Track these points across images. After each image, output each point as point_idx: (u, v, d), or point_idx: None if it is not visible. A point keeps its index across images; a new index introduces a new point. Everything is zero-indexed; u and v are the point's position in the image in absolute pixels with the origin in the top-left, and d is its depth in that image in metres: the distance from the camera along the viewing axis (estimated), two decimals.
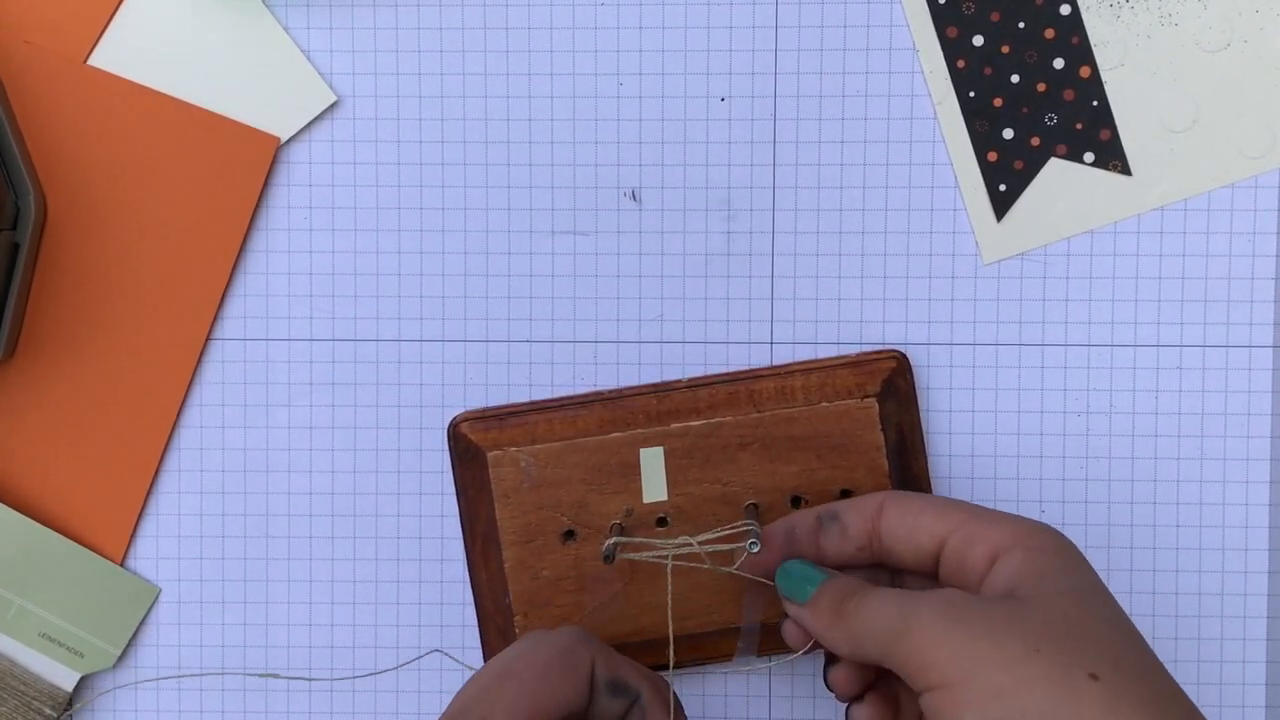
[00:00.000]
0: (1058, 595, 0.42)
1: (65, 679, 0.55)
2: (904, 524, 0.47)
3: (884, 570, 0.49)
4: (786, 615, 0.48)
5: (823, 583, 0.47)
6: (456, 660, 0.56)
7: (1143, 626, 0.55)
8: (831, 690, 0.47)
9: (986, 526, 0.45)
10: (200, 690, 0.57)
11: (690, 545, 0.50)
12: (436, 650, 0.56)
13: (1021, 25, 0.54)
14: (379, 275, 0.55)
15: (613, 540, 0.52)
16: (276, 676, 0.56)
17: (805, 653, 0.48)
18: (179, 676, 0.56)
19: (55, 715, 0.55)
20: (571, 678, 0.46)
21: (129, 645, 0.56)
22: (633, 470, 0.53)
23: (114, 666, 0.56)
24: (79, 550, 0.55)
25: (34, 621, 0.55)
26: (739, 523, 0.51)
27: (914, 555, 0.47)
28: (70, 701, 0.56)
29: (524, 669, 0.46)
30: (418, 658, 0.56)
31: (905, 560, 0.47)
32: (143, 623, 0.56)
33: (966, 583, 0.45)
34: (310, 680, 0.56)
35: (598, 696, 0.47)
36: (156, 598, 0.56)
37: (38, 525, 0.55)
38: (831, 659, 0.47)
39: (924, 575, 0.47)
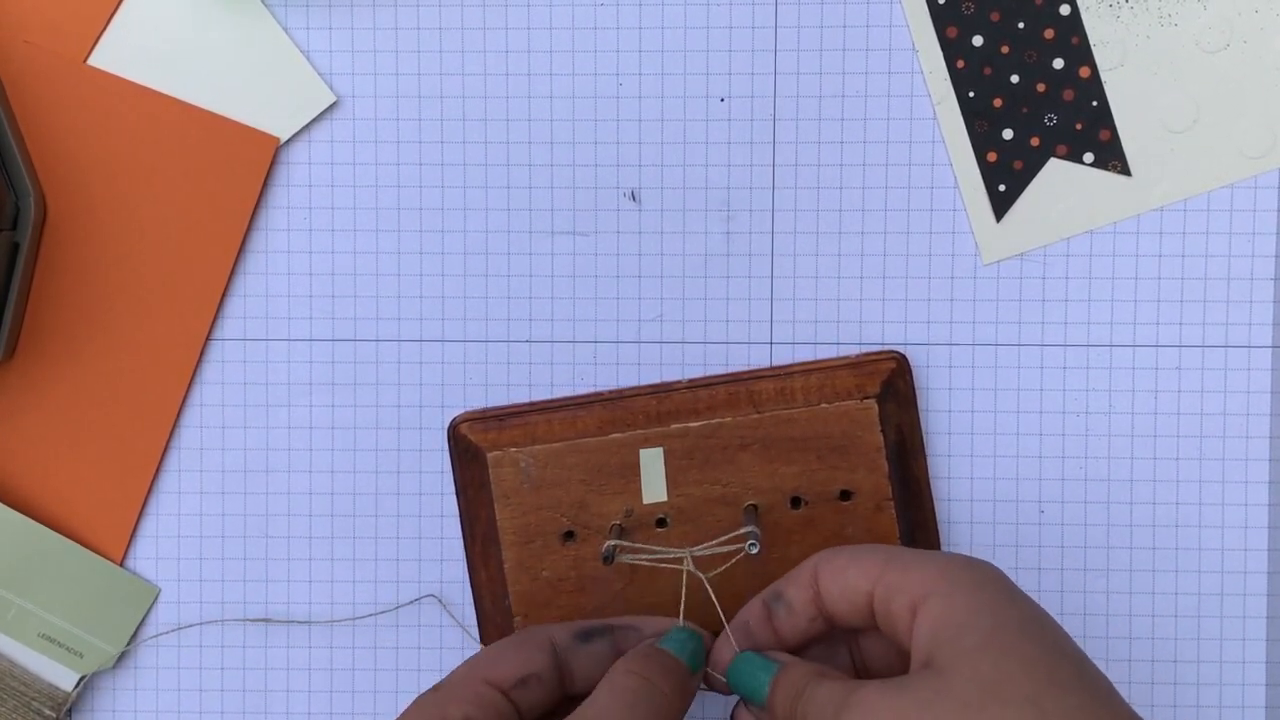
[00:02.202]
0: (974, 654, 0.41)
1: (65, 679, 0.55)
2: (836, 585, 0.46)
3: (840, 636, 0.48)
4: (738, 705, 0.48)
5: (774, 677, 0.46)
6: (454, 617, 0.56)
7: (1142, 627, 0.55)
8: None
9: (902, 574, 0.44)
10: (200, 691, 0.57)
11: (690, 553, 0.50)
12: (431, 596, 0.56)
13: (1021, 25, 0.54)
14: (379, 275, 0.55)
15: (612, 542, 0.52)
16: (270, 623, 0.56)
17: None
18: (179, 629, 0.57)
19: (54, 715, 0.55)
20: (525, 645, 0.47)
21: (128, 645, 0.56)
22: (632, 471, 0.53)
23: (114, 667, 0.56)
24: (79, 550, 0.55)
25: (34, 622, 0.55)
26: (740, 529, 0.51)
27: (855, 614, 0.46)
28: (69, 702, 0.56)
29: (481, 650, 0.48)
30: (415, 600, 0.56)
31: (851, 621, 0.46)
32: (142, 623, 0.56)
33: (898, 635, 0.44)
34: (310, 623, 0.56)
35: (572, 654, 0.48)
36: (156, 598, 0.56)
37: (38, 525, 0.55)
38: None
39: (874, 630, 0.46)
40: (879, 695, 0.42)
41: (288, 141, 0.55)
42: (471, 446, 0.54)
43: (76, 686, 0.55)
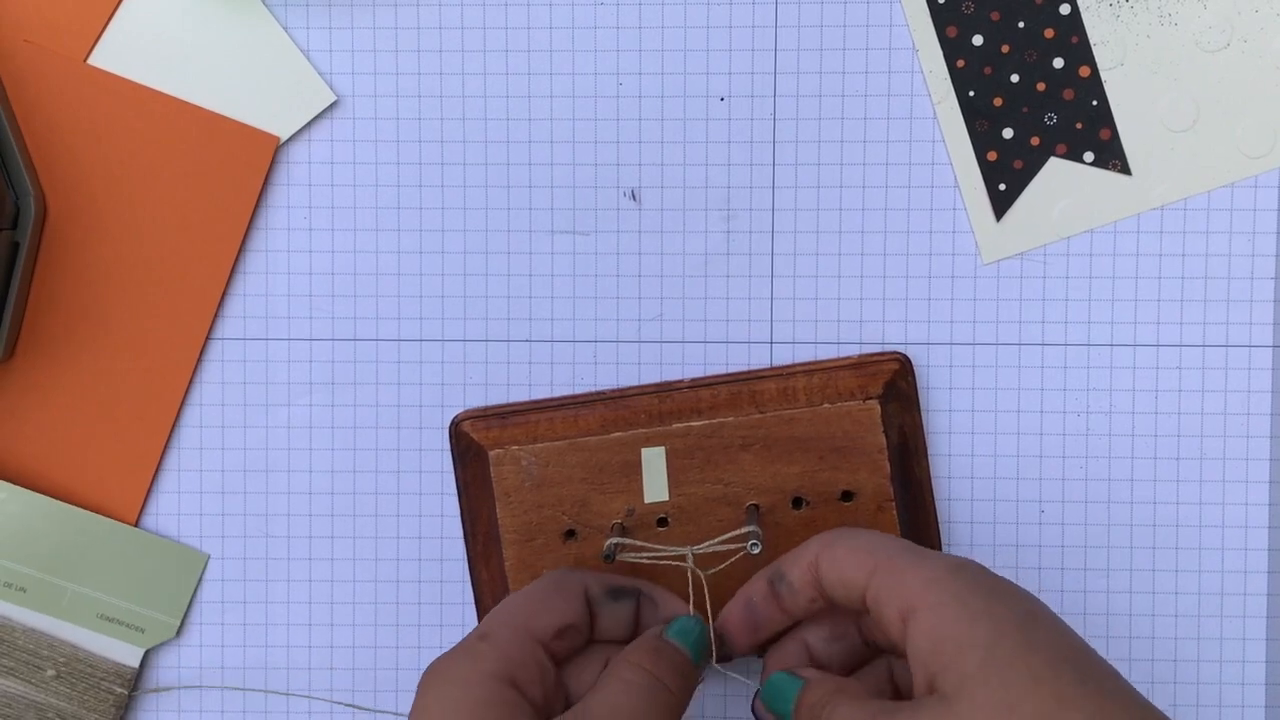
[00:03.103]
0: (978, 677, 0.41)
1: (130, 656, 0.56)
2: (834, 574, 0.47)
3: (847, 613, 0.49)
4: (756, 694, 0.48)
5: (798, 693, 0.46)
6: None
7: (1142, 627, 0.55)
8: None
9: (890, 580, 0.44)
10: (197, 704, 0.57)
11: (692, 550, 0.50)
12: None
13: (1021, 25, 0.54)
14: (379, 275, 0.55)
15: (613, 540, 0.52)
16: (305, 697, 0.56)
17: None
18: (205, 686, 0.57)
19: (125, 692, 0.55)
20: (563, 594, 0.49)
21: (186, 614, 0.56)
22: (634, 470, 0.53)
23: (177, 636, 0.56)
24: (122, 528, 0.55)
25: (91, 604, 0.55)
26: (741, 529, 0.51)
27: (852, 603, 0.46)
28: (138, 677, 0.56)
29: (519, 595, 0.49)
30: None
31: (850, 606, 0.47)
32: (196, 589, 0.56)
33: (891, 640, 0.45)
34: (309, 696, 0.56)
35: (601, 608, 0.49)
36: (206, 563, 0.56)
37: (79, 510, 0.55)
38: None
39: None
40: None
41: (288, 141, 0.55)
42: (473, 444, 0.54)
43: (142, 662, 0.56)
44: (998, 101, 0.54)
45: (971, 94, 0.54)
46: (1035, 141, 0.54)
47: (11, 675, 0.55)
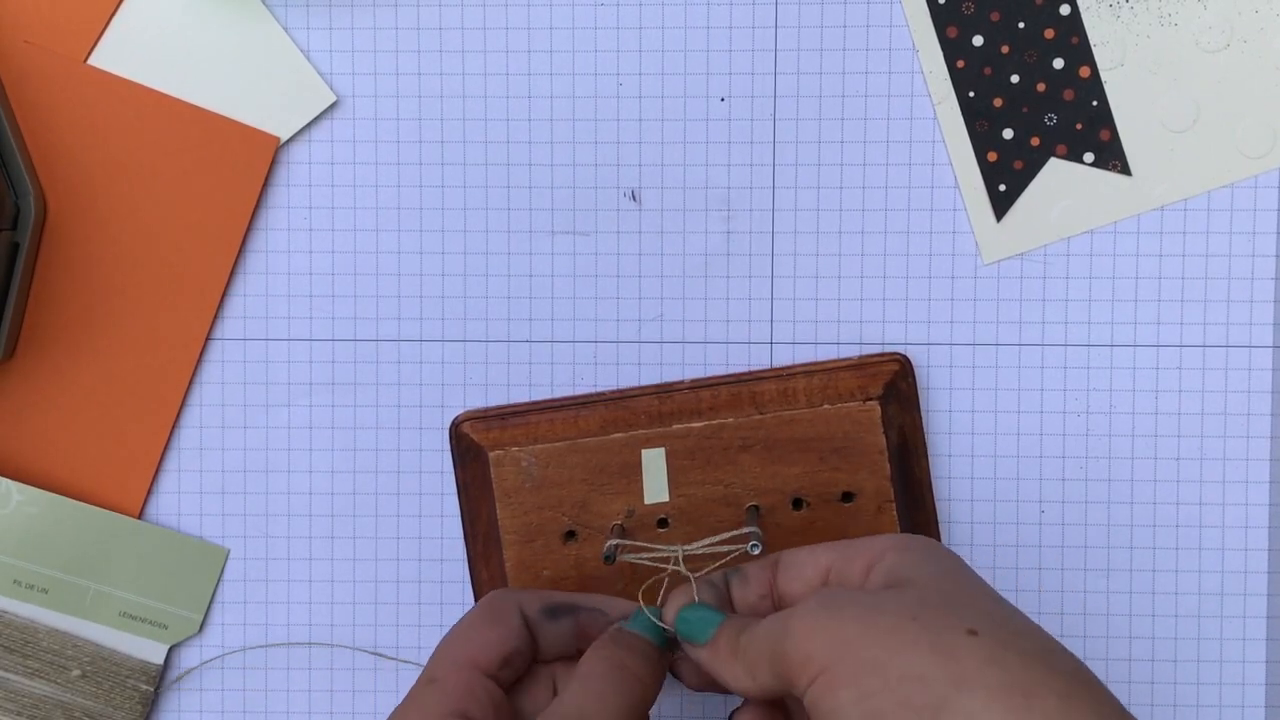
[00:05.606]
0: (933, 576, 0.43)
1: (154, 652, 0.56)
2: (794, 564, 0.47)
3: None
4: (680, 655, 0.48)
5: (721, 622, 0.46)
6: None
7: (1143, 627, 0.55)
8: None
9: (861, 544, 0.46)
10: (219, 702, 0.57)
11: (690, 550, 0.50)
12: None
13: (1021, 25, 0.54)
14: (379, 275, 0.55)
15: (613, 541, 0.52)
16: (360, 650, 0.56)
17: (698, 690, 0.48)
18: (249, 648, 0.57)
19: (151, 689, 0.55)
20: (501, 621, 0.48)
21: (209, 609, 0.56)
22: (634, 471, 0.53)
23: (200, 631, 0.56)
24: (142, 526, 0.55)
25: (112, 602, 0.55)
26: (742, 529, 0.51)
27: (804, 589, 0.47)
28: (163, 673, 0.56)
29: (455, 631, 0.48)
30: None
31: (799, 597, 0.47)
32: (218, 584, 0.56)
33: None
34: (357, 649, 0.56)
35: (540, 629, 0.49)
36: (226, 558, 0.56)
37: (97, 509, 0.55)
38: (736, 705, 0.47)
39: None
40: (840, 590, 0.44)
41: (288, 141, 0.55)
42: (473, 445, 0.54)
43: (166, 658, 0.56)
44: (998, 102, 0.54)
45: (971, 94, 0.54)
46: (1035, 142, 0.54)
47: (38, 676, 0.55)
